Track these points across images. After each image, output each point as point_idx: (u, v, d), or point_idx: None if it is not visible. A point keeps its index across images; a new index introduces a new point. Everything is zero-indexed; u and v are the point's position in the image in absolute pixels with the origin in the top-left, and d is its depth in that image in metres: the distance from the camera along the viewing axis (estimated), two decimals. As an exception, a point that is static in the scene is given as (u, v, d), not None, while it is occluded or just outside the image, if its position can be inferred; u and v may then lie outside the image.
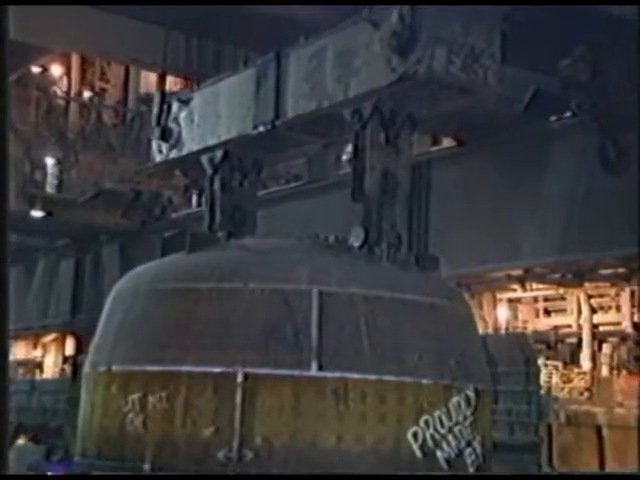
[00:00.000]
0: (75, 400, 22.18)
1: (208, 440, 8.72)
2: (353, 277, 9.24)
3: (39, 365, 26.20)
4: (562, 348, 19.99)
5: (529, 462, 14.82)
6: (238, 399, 8.70)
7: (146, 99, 23.58)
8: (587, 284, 18.68)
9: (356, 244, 9.54)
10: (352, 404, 8.74)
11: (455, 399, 9.11)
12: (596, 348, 19.46)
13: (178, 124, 11.31)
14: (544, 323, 20.00)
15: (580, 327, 19.50)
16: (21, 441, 22.60)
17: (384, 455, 8.79)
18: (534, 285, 19.50)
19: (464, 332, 9.79)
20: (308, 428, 8.71)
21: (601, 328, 19.39)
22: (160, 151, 11.74)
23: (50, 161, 22.01)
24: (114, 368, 9.34)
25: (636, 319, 18.74)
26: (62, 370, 24.98)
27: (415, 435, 8.84)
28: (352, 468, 8.72)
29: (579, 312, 19.49)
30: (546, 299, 20.03)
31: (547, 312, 20.14)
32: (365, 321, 8.96)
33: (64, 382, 23.49)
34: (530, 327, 20.15)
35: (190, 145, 11.13)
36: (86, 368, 9.96)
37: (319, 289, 8.96)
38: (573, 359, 19.64)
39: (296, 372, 8.78)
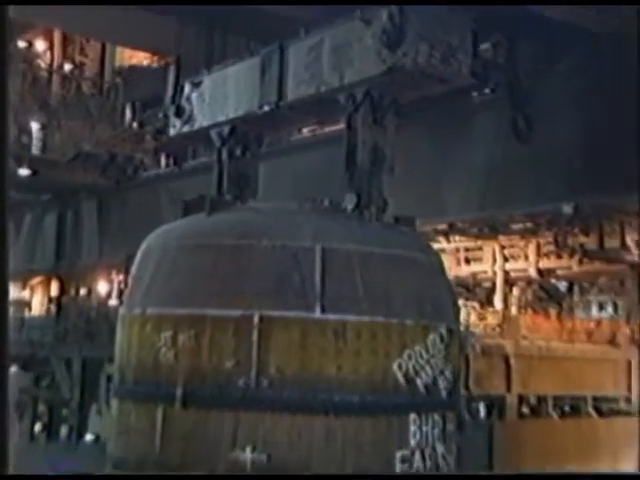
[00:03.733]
0: (59, 334, 22.41)
1: (230, 371, 8.99)
2: (349, 235, 9.54)
3: (27, 304, 25.96)
4: (479, 291, 20.19)
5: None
6: (255, 337, 9.00)
7: (121, 72, 23.43)
8: (501, 237, 18.64)
9: (349, 207, 9.85)
10: (349, 341, 9.07)
11: (432, 336, 9.50)
12: (507, 291, 19.54)
13: (190, 103, 11.40)
14: (464, 270, 19.87)
15: (494, 273, 19.51)
16: (13, 369, 22.54)
17: (375, 382, 9.13)
18: (456, 238, 19.44)
19: (438, 281, 10.16)
20: (313, 360, 9.02)
21: (512, 274, 19.37)
22: (174, 126, 11.75)
23: (35, 126, 21.67)
24: (148, 311, 9.53)
25: (540, 267, 18.73)
26: (48, 309, 24.95)
27: (400, 366, 9.21)
28: (349, 392, 9.04)
29: (494, 261, 19.48)
30: (466, 249, 19.96)
31: (467, 261, 20.05)
32: (360, 272, 9.27)
33: (50, 319, 23.54)
34: (452, 273, 20.20)
35: (201, 121, 11.25)
36: (121, 311, 10.13)
37: (321, 246, 9.25)
38: (488, 300, 19.73)
39: (303, 315, 9.09)
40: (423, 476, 9.43)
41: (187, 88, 11.50)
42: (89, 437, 19.91)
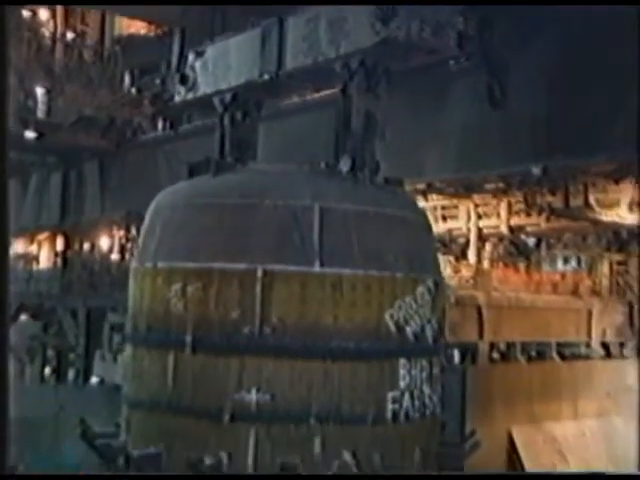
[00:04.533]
0: (65, 286, 22.42)
1: (235, 320, 9.06)
2: (345, 196, 9.58)
3: (35, 258, 25.82)
4: (454, 246, 20.26)
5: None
6: (258, 289, 9.04)
7: (120, 40, 23.19)
8: (475, 196, 18.64)
9: (345, 169, 9.87)
10: (345, 293, 9.15)
11: (420, 289, 9.59)
12: (480, 246, 19.58)
13: (194, 71, 11.32)
14: (441, 227, 19.51)
15: (469, 230, 19.50)
16: (23, 318, 22.59)
17: (368, 330, 9.24)
18: (434, 197, 19.29)
19: (425, 238, 10.25)
20: (312, 311, 9.11)
21: (485, 231, 19.36)
22: (178, 93, 11.64)
23: (40, 91, 21.42)
24: (159, 265, 9.56)
25: (511, 224, 18.66)
26: (54, 262, 24.84)
27: (391, 315, 9.32)
28: (345, 339, 9.13)
29: (468, 218, 19.44)
30: (443, 208, 19.87)
31: (444, 218, 19.94)
32: (355, 230, 9.33)
33: (56, 272, 23.52)
34: (430, 230, 20.26)
35: (204, 88, 11.16)
36: (133, 264, 10.19)
37: (319, 205, 9.27)
38: (462, 255, 19.89)
39: (303, 269, 9.14)
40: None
41: (191, 57, 11.42)
42: (94, 380, 20.05)
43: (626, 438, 17.10)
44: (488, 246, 19.71)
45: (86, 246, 24.53)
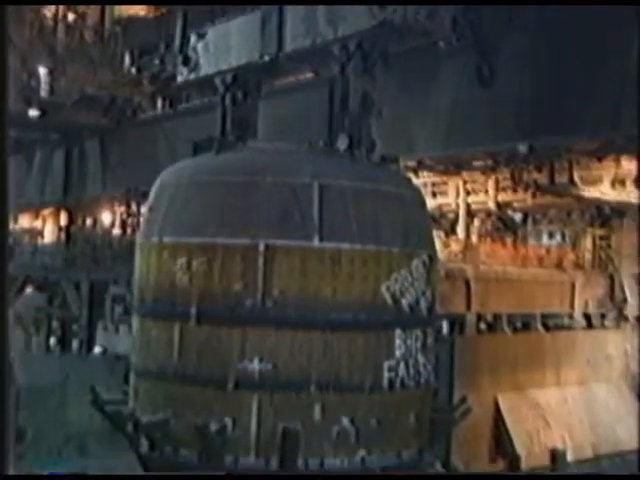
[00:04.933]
0: (68, 259, 22.42)
1: (238, 292, 9.15)
2: (343, 173, 9.63)
3: (40, 233, 25.88)
4: (444, 222, 20.07)
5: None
6: (260, 263, 9.12)
7: (120, 21, 22.99)
8: (464, 173, 18.53)
9: (342, 148, 9.93)
10: (343, 266, 9.24)
11: (415, 262, 9.68)
12: (469, 221, 19.47)
13: (196, 53, 11.29)
14: (431, 203, 19.16)
15: (458, 206, 19.42)
16: (29, 290, 22.60)
17: (366, 302, 9.34)
18: (424, 173, 19.07)
19: (420, 213, 10.31)
20: (312, 284, 9.20)
21: (473, 206, 19.30)
22: (181, 73, 11.60)
23: (43, 71, 21.27)
24: (165, 240, 9.59)
25: (499, 200, 18.58)
26: (58, 237, 24.77)
27: (388, 288, 9.42)
28: (343, 311, 9.24)
29: (457, 194, 19.37)
30: (433, 184, 19.71)
31: (433, 194, 19.69)
32: (353, 206, 9.38)
33: (60, 246, 23.49)
34: (421, 206, 20.12)
35: (206, 69, 11.15)
36: (139, 239, 10.18)
37: (319, 182, 9.33)
38: (452, 230, 19.77)
39: (303, 243, 9.22)
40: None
41: (193, 39, 11.40)
42: (97, 349, 20.07)
43: (605, 404, 17.35)
44: (476, 221, 19.65)
45: (88, 221, 24.52)
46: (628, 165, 16.10)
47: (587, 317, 17.54)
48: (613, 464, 15.69)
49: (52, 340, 22.57)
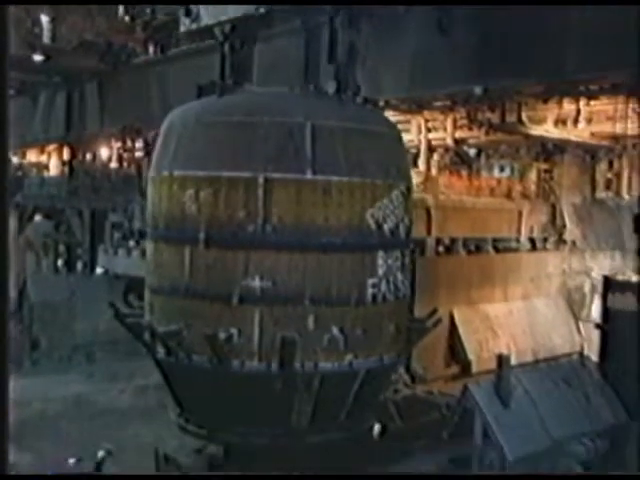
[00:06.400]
0: (71, 190, 22.27)
1: (242, 220, 9.22)
2: (332, 114, 9.65)
3: (46, 166, 25.52)
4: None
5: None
6: (260, 193, 9.18)
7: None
8: (425, 112, 18.16)
9: (331, 91, 9.97)
10: (334, 196, 9.33)
11: (395, 192, 9.83)
12: (429, 156, 19.10)
13: (197, 5, 11.12)
14: None
15: (419, 142, 18.96)
16: (37, 218, 22.44)
17: (353, 227, 9.47)
18: (390, 112, 18.97)
19: (398, 149, 10.43)
20: (306, 212, 9.29)
21: (433, 142, 19.08)
22: (183, 24, 11.40)
23: (45, 19, 20.89)
24: (175, 173, 9.62)
25: (456, 136, 18.43)
26: (62, 170, 24.41)
27: (372, 215, 9.58)
28: (333, 236, 9.35)
29: (419, 131, 18.96)
30: (397, 122, 18.20)
31: None
32: (341, 143, 9.43)
33: (64, 178, 23.26)
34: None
35: (206, 20, 10.99)
36: (151, 173, 10.16)
37: (311, 122, 9.34)
38: (414, 163, 18.77)
39: (298, 176, 9.28)
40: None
41: (194, -10, 11.18)
42: (99, 270, 20.10)
43: (544, 315, 17.87)
44: (436, 156, 19.57)
45: (88, 156, 24.20)
46: (569, 106, 16.25)
47: (532, 241, 17.87)
48: (549, 366, 16.24)
49: (59, 262, 22.53)
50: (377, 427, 10.71)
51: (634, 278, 15.40)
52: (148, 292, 10.06)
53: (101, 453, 11.04)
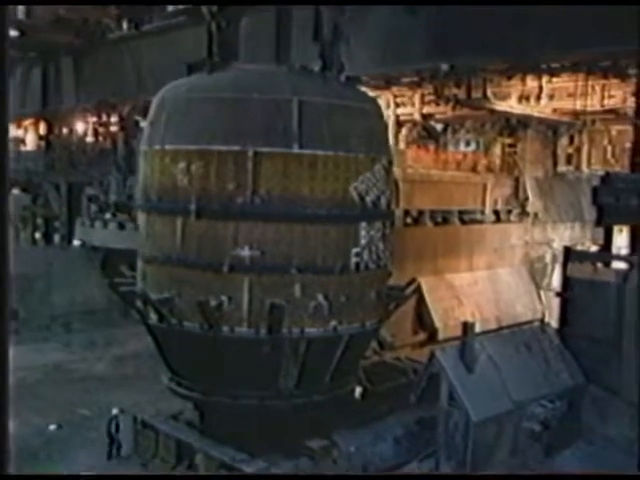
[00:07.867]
0: (48, 164, 22.11)
1: (231, 192, 9.37)
2: (318, 91, 9.81)
3: (22, 141, 25.04)
4: None
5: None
6: (249, 166, 9.31)
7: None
8: (394, 88, 18.31)
9: (316, 69, 10.13)
10: (319, 169, 9.51)
11: (377, 166, 10.04)
12: (397, 130, 19.17)
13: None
14: None
15: (388, 116, 18.23)
16: (15, 191, 22.21)
17: (337, 199, 9.65)
18: (362, 88, 19.05)
19: (380, 124, 10.60)
20: (293, 184, 9.45)
21: (401, 117, 19.23)
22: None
23: (20, -5, 20.65)
24: (167, 147, 9.70)
25: (423, 112, 18.55)
26: (38, 144, 24.22)
27: (355, 188, 9.78)
28: (319, 207, 9.53)
29: (387, 106, 18.76)
30: None
31: None
32: (326, 118, 9.60)
33: (40, 152, 23.05)
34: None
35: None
36: (143, 147, 10.21)
37: (298, 99, 9.48)
38: None
39: (285, 150, 9.42)
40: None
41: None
42: (76, 242, 20.08)
43: (508, 285, 18.23)
44: (404, 130, 19.68)
45: (65, 130, 23.97)
46: (532, 83, 16.54)
47: (496, 213, 18.11)
48: (511, 333, 16.60)
49: (37, 234, 22.45)
50: (358, 390, 11.05)
51: (592, 248, 15.87)
52: (141, 261, 10.18)
53: (115, 410, 11.25)
